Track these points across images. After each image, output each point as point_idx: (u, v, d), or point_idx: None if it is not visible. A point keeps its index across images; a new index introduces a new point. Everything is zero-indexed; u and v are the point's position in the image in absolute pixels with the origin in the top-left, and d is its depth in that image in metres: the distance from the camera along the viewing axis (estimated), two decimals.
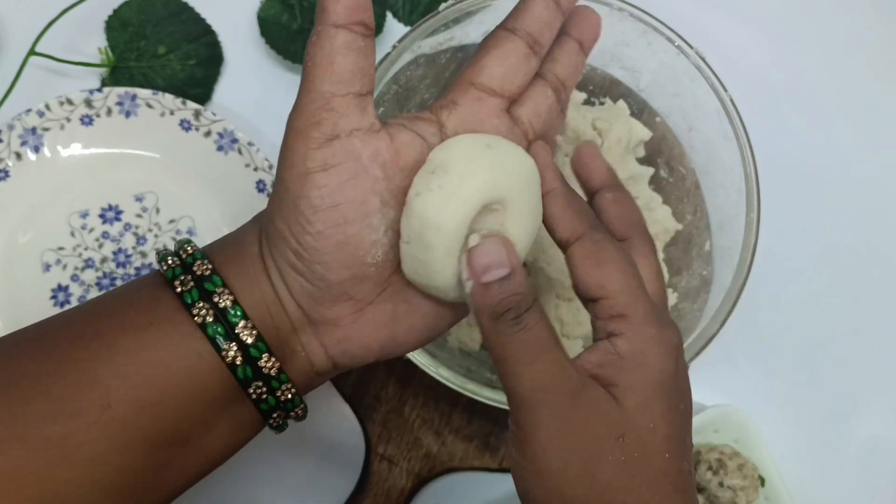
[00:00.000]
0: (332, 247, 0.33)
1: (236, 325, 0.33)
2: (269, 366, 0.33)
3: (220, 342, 0.33)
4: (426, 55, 0.55)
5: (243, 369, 0.33)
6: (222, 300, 0.33)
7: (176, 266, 0.34)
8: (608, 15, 0.54)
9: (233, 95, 0.62)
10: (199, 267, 0.34)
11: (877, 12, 0.69)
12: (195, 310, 0.33)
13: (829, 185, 0.65)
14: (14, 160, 0.56)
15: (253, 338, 0.33)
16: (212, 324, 0.33)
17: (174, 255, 0.35)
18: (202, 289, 0.33)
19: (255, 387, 0.34)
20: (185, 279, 0.34)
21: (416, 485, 0.56)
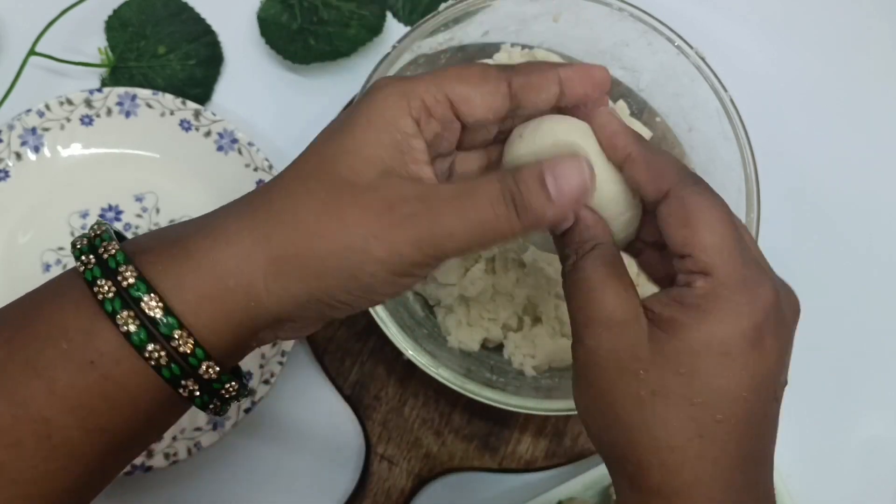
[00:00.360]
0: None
1: (172, 333, 0.31)
2: (207, 372, 0.32)
3: (143, 344, 0.31)
4: (426, 55, 0.55)
5: (168, 369, 0.31)
6: (151, 309, 0.31)
7: (93, 266, 0.32)
8: (608, 15, 0.54)
9: (233, 95, 0.62)
10: (123, 272, 0.32)
11: (877, 12, 0.69)
12: (120, 319, 0.31)
13: (829, 185, 0.65)
14: (14, 160, 0.56)
15: (187, 343, 0.31)
16: (136, 332, 0.31)
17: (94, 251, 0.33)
18: (128, 296, 0.31)
19: (184, 387, 0.32)
20: (106, 285, 0.31)
21: (416, 485, 0.56)
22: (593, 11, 0.54)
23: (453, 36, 0.55)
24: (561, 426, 0.57)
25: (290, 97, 0.62)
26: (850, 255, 0.64)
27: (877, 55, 0.68)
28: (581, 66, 0.36)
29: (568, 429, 0.57)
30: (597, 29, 0.56)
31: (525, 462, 0.57)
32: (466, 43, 0.57)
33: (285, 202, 0.33)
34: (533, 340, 0.53)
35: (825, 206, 0.65)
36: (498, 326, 0.54)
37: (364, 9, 0.62)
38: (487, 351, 0.55)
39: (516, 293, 0.54)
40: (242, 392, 0.34)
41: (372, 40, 0.61)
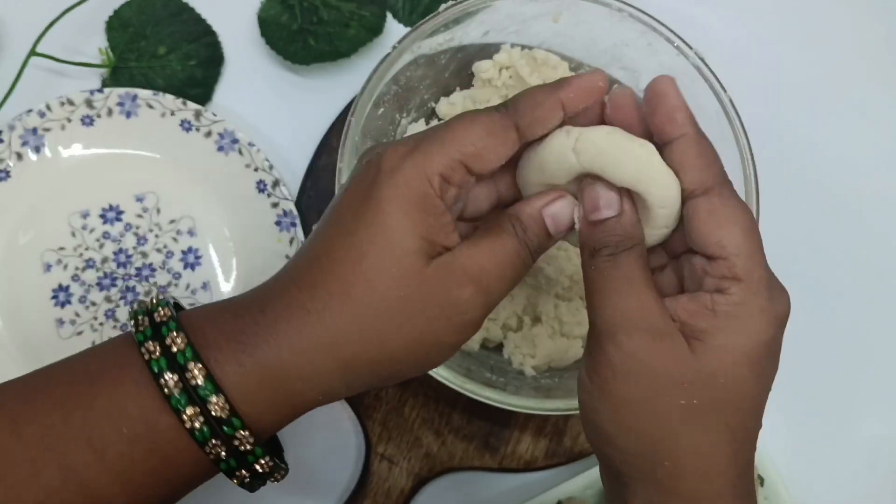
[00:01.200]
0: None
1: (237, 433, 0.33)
2: (263, 467, 0.34)
3: (205, 440, 0.33)
4: (426, 56, 0.55)
5: (227, 463, 0.33)
6: (239, 439, 0.33)
7: (146, 328, 0.34)
8: (608, 15, 0.54)
9: (233, 96, 0.62)
10: (173, 339, 0.33)
11: (877, 13, 0.69)
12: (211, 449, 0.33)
13: (828, 185, 0.65)
14: (15, 160, 0.57)
15: (251, 445, 0.34)
16: (199, 429, 0.33)
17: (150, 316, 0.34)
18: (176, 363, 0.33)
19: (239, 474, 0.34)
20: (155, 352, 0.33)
21: (416, 484, 0.56)
22: (593, 12, 0.54)
23: (453, 36, 0.55)
24: (561, 426, 0.57)
25: (291, 97, 0.62)
26: (850, 255, 0.64)
27: (876, 55, 0.68)
28: (579, 81, 0.36)
29: (568, 428, 0.57)
30: (597, 29, 0.56)
31: (525, 462, 0.57)
32: (466, 43, 0.57)
33: (343, 304, 0.33)
34: (533, 340, 0.53)
35: (825, 206, 0.65)
36: (498, 326, 0.54)
37: (364, 9, 0.62)
38: (487, 351, 0.55)
39: (516, 293, 0.54)
40: (279, 468, 0.36)
41: (372, 41, 0.61)
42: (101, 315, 0.57)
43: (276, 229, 0.57)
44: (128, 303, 0.57)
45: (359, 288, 0.33)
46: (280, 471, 0.35)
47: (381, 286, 0.33)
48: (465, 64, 0.58)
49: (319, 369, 0.33)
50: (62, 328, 0.56)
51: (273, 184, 0.57)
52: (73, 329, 0.56)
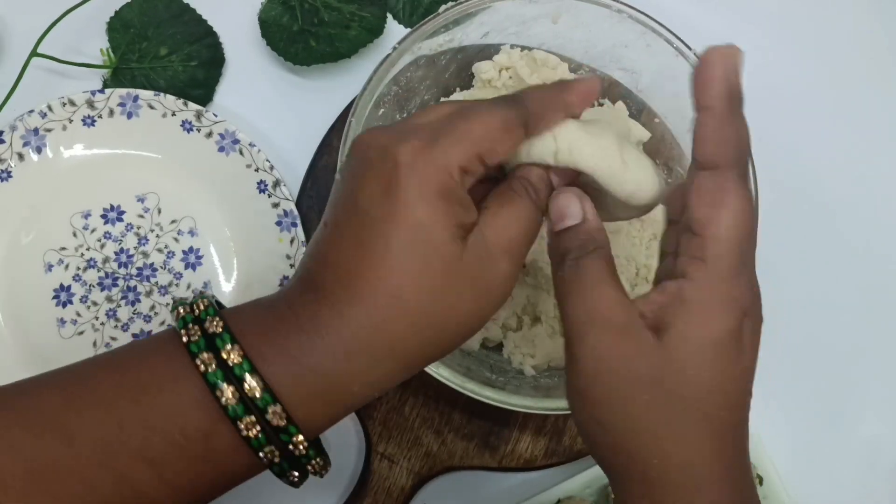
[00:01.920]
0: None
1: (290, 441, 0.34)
2: (300, 449, 0.34)
3: (260, 448, 0.33)
4: (426, 56, 0.55)
5: (279, 466, 0.34)
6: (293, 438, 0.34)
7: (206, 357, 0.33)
8: (607, 16, 0.54)
9: (234, 97, 0.62)
10: (228, 353, 0.33)
11: (876, 13, 0.69)
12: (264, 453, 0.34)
13: (828, 185, 0.65)
14: (16, 161, 0.57)
15: (304, 447, 0.34)
16: (257, 439, 0.33)
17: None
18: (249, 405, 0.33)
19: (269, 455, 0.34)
20: (248, 420, 0.33)
21: (416, 483, 0.56)
22: (592, 13, 0.54)
23: (453, 37, 0.55)
24: (560, 425, 0.57)
25: (292, 98, 0.63)
26: (850, 255, 0.64)
27: (875, 55, 0.68)
28: (580, 86, 0.37)
29: (567, 427, 0.57)
30: (596, 30, 0.56)
31: (525, 461, 0.57)
32: (466, 44, 0.57)
33: (394, 303, 0.33)
34: (532, 340, 0.53)
35: (824, 206, 0.65)
36: (497, 326, 0.54)
37: (365, 10, 0.62)
38: (487, 350, 0.55)
39: (516, 293, 0.54)
40: (326, 465, 0.36)
41: (372, 42, 0.61)
42: (103, 315, 0.57)
43: (276, 229, 0.57)
44: (129, 303, 0.57)
45: (407, 288, 0.33)
46: (328, 466, 0.36)
47: (427, 279, 0.33)
48: (466, 65, 0.58)
49: (376, 369, 0.34)
50: (63, 328, 0.56)
51: (274, 184, 0.57)
52: (75, 329, 0.56)
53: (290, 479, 0.35)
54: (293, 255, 0.57)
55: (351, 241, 0.34)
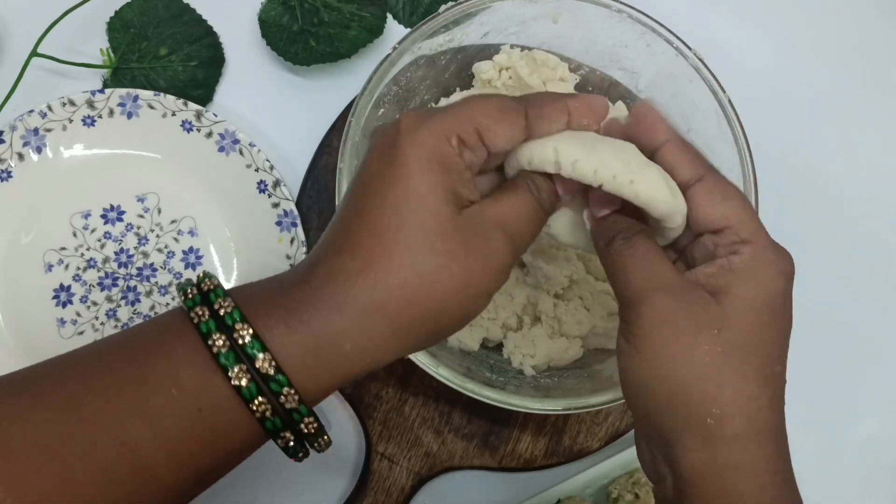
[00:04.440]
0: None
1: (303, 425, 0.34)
2: (309, 428, 0.34)
3: (266, 421, 0.33)
4: (426, 56, 0.55)
5: (272, 422, 0.33)
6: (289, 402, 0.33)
7: (208, 320, 0.34)
8: (607, 16, 0.54)
9: (234, 97, 0.62)
10: (239, 330, 0.34)
11: (875, 13, 0.69)
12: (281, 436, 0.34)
13: (827, 184, 0.65)
14: (16, 161, 0.57)
15: (313, 430, 0.34)
16: (270, 419, 0.33)
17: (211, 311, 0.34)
18: (233, 342, 0.33)
19: (283, 437, 0.34)
20: (263, 402, 0.33)
21: (416, 483, 0.56)
22: (592, 13, 0.54)
23: (453, 37, 0.55)
24: (560, 425, 0.57)
25: (292, 98, 0.63)
26: (849, 255, 0.64)
27: (874, 56, 0.68)
28: (585, 97, 0.39)
29: (567, 428, 0.57)
30: (596, 30, 0.56)
31: (524, 461, 0.57)
32: (466, 44, 0.57)
33: (387, 262, 0.34)
34: (532, 340, 0.53)
35: (824, 206, 0.65)
36: (497, 326, 0.54)
37: (364, 10, 0.62)
38: (487, 350, 0.55)
39: (516, 293, 0.54)
40: (329, 443, 0.36)
41: (372, 42, 0.61)
42: (103, 315, 0.57)
43: (276, 229, 0.57)
44: (129, 303, 0.57)
45: (399, 245, 0.34)
46: (323, 435, 0.35)
47: (421, 239, 0.34)
48: (465, 65, 0.58)
49: (370, 330, 0.34)
50: (63, 328, 0.56)
51: (274, 184, 0.57)
52: (75, 329, 0.56)
53: (286, 442, 0.35)
54: (293, 255, 0.57)
55: (352, 211, 0.35)
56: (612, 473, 0.56)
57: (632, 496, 0.54)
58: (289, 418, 0.34)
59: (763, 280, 0.36)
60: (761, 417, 0.36)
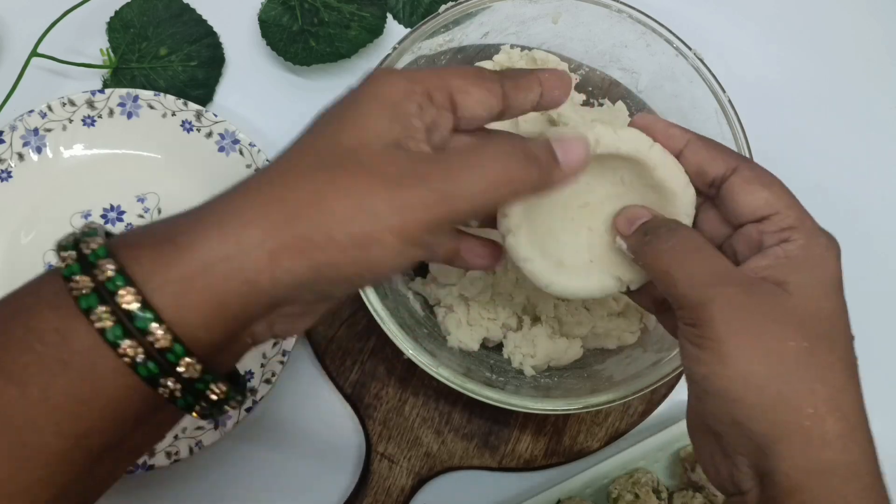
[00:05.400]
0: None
1: (179, 363, 0.30)
2: (188, 370, 0.30)
3: (117, 343, 0.29)
4: (426, 56, 0.55)
5: (145, 367, 0.29)
6: (159, 341, 0.29)
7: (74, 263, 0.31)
8: (607, 17, 0.54)
9: (234, 97, 0.62)
10: (103, 266, 0.30)
11: (874, 13, 0.69)
12: (93, 316, 0.29)
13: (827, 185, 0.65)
14: (16, 161, 0.57)
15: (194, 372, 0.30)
16: (110, 329, 0.29)
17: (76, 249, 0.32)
18: (104, 289, 0.29)
19: (163, 386, 0.30)
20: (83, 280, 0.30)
21: (416, 483, 0.56)
22: (592, 13, 0.54)
23: (453, 37, 0.55)
24: (560, 425, 0.57)
25: (291, 98, 0.63)
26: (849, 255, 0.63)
27: (873, 56, 0.68)
28: (553, 70, 0.38)
29: (567, 428, 0.57)
30: (596, 30, 0.56)
31: (524, 461, 0.57)
32: (466, 44, 0.57)
33: (286, 178, 0.31)
34: (532, 340, 0.53)
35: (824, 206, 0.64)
36: (497, 326, 0.54)
37: (364, 10, 0.62)
38: (487, 350, 0.55)
39: (516, 293, 0.54)
40: (234, 395, 0.32)
41: (372, 42, 0.61)
42: None
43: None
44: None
45: (304, 161, 0.32)
46: (237, 396, 0.32)
47: (328, 160, 0.31)
48: (465, 64, 0.58)
49: (244, 244, 0.30)
50: None
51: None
52: None
53: (170, 395, 0.30)
54: None
55: (294, 143, 0.34)
56: (612, 473, 0.56)
57: (632, 496, 0.54)
58: (165, 361, 0.29)
59: (824, 266, 0.35)
60: (855, 412, 0.34)
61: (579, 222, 0.41)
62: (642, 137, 0.39)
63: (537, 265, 0.39)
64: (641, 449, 0.56)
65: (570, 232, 0.41)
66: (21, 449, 0.29)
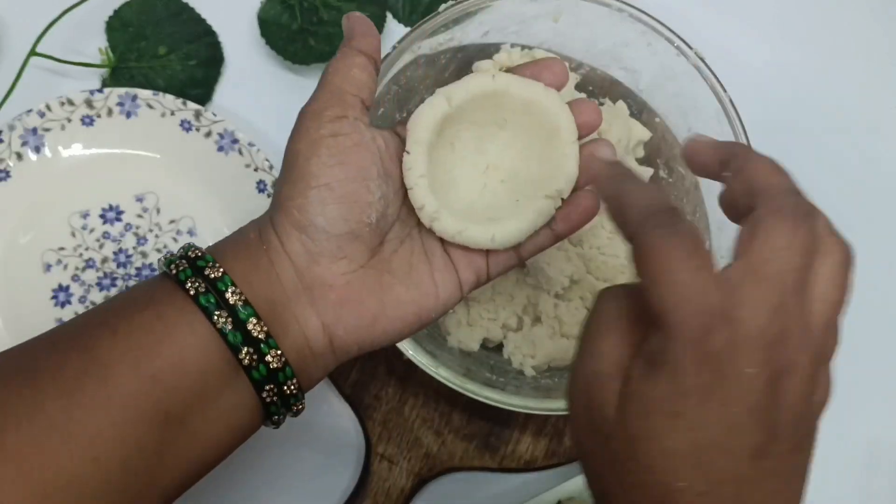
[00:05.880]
0: (336, 198, 0.37)
1: (225, 292, 0.36)
2: (257, 329, 0.36)
3: (212, 310, 0.35)
4: (426, 56, 0.55)
5: (234, 334, 0.35)
6: (213, 272, 0.36)
7: (174, 258, 0.38)
8: (608, 16, 0.54)
9: (233, 96, 0.62)
10: (194, 251, 0.37)
11: (875, 13, 0.69)
12: (189, 284, 0.36)
13: (827, 185, 0.65)
14: (15, 160, 0.57)
15: (242, 303, 0.36)
16: (204, 294, 0.35)
17: (180, 258, 0.38)
18: (195, 266, 0.36)
19: (245, 352, 0.35)
20: (180, 263, 0.37)
21: (416, 484, 0.56)
22: (593, 12, 0.54)
23: (453, 36, 0.55)
24: (560, 426, 0.57)
25: (291, 97, 0.62)
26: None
27: (875, 55, 0.68)
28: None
29: (567, 428, 0.57)
30: (597, 29, 0.56)
31: (525, 461, 0.57)
32: (466, 43, 0.57)
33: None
34: (533, 340, 0.53)
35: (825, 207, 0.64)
36: (498, 326, 0.54)
37: (364, 9, 0.62)
38: (487, 351, 0.55)
39: (516, 293, 0.54)
40: (300, 398, 0.38)
41: None
42: None
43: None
44: None
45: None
46: (300, 401, 0.38)
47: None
48: (466, 64, 0.58)
49: (254, 228, 0.39)
50: None
51: (273, 184, 0.57)
52: None
53: (269, 394, 0.37)
54: None
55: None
56: None
57: None
58: (259, 351, 0.36)
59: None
60: None
61: (493, 181, 0.43)
62: (533, 82, 0.41)
63: (474, 231, 0.41)
64: None
65: (489, 195, 0.43)
66: (104, 392, 0.34)
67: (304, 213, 0.37)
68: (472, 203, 0.42)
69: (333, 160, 0.37)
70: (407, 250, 0.40)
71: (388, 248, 0.40)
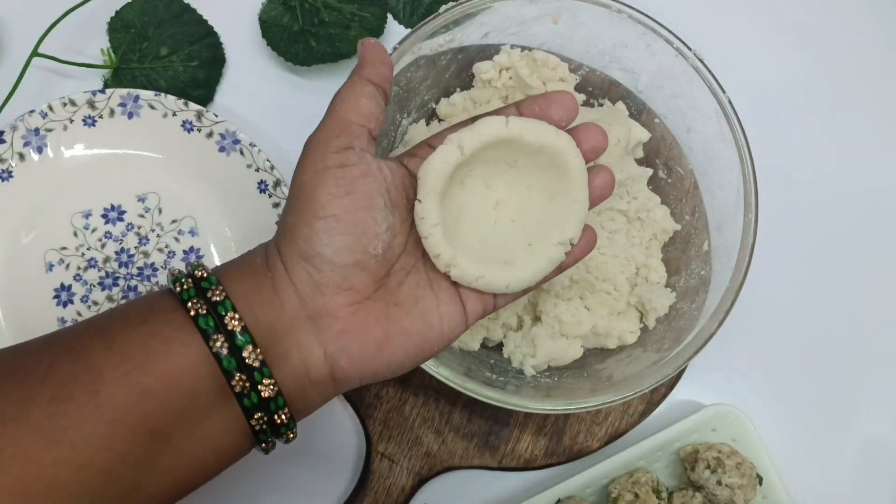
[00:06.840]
0: (343, 229, 0.37)
1: (224, 316, 0.36)
2: (252, 357, 0.36)
3: (210, 333, 0.35)
4: (426, 57, 0.55)
5: (228, 360, 0.35)
6: (215, 296, 0.36)
7: (182, 276, 0.38)
8: (607, 17, 0.54)
9: (235, 97, 0.62)
10: (201, 271, 0.37)
11: (874, 14, 0.69)
12: (190, 304, 0.36)
13: (826, 185, 0.65)
14: (17, 161, 0.57)
15: (240, 329, 0.36)
16: (204, 316, 0.36)
17: (186, 276, 0.38)
18: (199, 287, 0.37)
19: (238, 379, 0.35)
20: (186, 282, 0.37)
21: (416, 483, 0.56)
22: (593, 13, 0.54)
23: (453, 38, 0.55)
24: (560, 425, 0.57)
25: (292, 98, 0.63)
26: (849, 255, 0.64)
27: (873, 57, 0.68)
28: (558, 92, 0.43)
29: (567, 427, 0.57)
30: (596, 31, 0.56)
31: (524, 460, 0.57)
32: (466, 44, 0.57)
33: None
34: (532, 340, 0.53)
35: (824, 207, 0.65)
36: (498, 326, 0.54)
37: (365, 10, 0.62)
38: (487, 350, 0.55)
39: None
40: (292, 426, 0.38)
41: None
42: None
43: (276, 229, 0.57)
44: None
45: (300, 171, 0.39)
46: (292, 430, 0.38)
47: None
48: (466, 65, 0.58)
49: (260, 253, 0.39)
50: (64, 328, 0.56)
51: (274, 184, 0.57)
52: None
53: (259, 422, 0.37)
54: None
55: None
56: (612, 473, 0.56)
57: (632, 496, 0.54)
58: (252, 378, 0.36)
59: None
60: None
61: (503, 218, 0.43)
62: (545, 126, 0.41)
63: (491, 277, 0.41)
64: (641, 449, 0.56)
65: (501, 232, 0.43)
66: (95, 401, 0.34)
67: (309, 244, 0.37)
68: (485, 238, 0.43)
69: (340, 191, 0.37)
70: (413, 282, 0.40)
71: (395, 280, 0.39)
